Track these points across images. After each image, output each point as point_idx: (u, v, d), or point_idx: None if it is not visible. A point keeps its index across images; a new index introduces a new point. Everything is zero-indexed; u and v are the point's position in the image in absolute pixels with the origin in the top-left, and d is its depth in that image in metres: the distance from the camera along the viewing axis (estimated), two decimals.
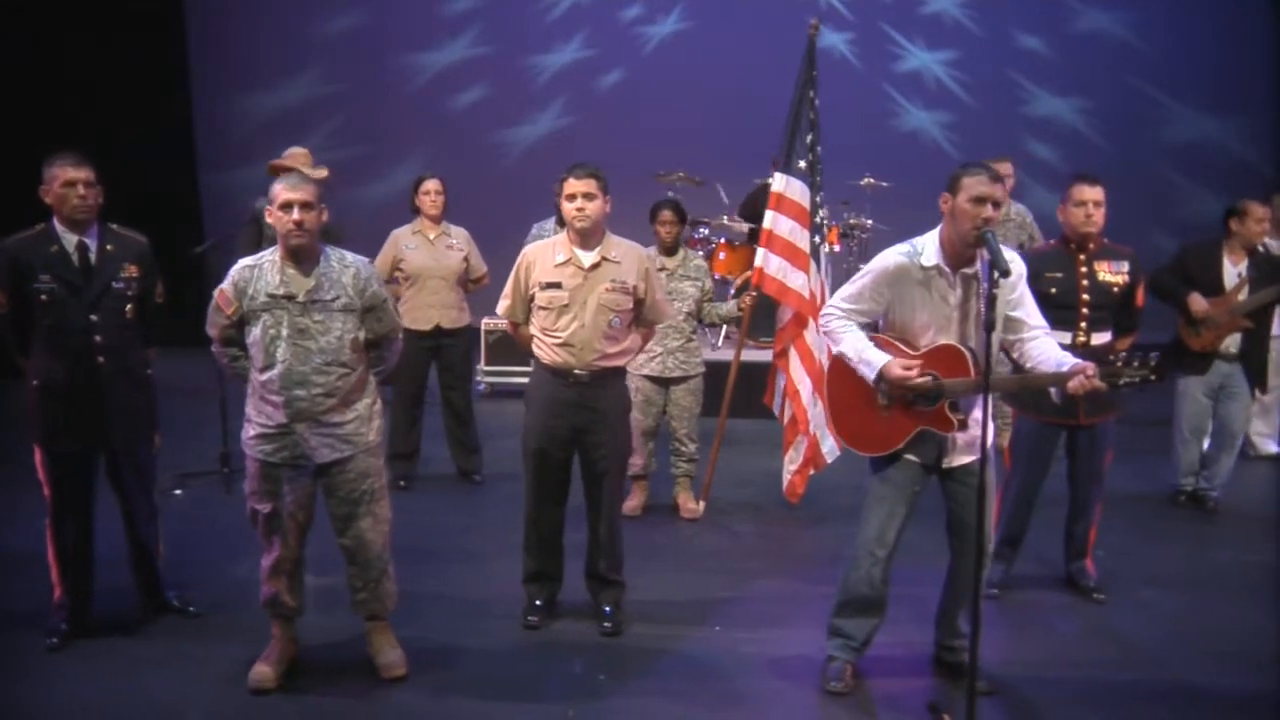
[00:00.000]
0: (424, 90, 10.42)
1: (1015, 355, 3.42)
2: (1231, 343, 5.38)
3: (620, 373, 3.97)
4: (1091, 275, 4.21)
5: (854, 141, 9.75)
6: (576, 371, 3.83)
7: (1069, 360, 3.25)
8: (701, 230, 8.02)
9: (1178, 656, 3.98)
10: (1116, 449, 6.65)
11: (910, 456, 3.47)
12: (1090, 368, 3.14)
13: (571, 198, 3.75)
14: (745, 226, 8.01)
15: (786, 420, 5.23)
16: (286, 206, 3.26)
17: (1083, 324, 4.20)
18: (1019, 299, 3.36)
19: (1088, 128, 10.55)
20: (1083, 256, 4.23)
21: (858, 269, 7.99)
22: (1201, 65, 10.23)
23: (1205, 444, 5.71)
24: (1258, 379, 5.47)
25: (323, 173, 6.20)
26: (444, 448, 5.96)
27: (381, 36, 10.28)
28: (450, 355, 5.66)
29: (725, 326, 7.73)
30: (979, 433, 3.44)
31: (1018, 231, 6.39)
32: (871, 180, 8.14)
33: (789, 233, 4.97)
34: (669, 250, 5.14)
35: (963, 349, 3.28)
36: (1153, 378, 3.13)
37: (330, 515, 3.56)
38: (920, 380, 3.29)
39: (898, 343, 3.41)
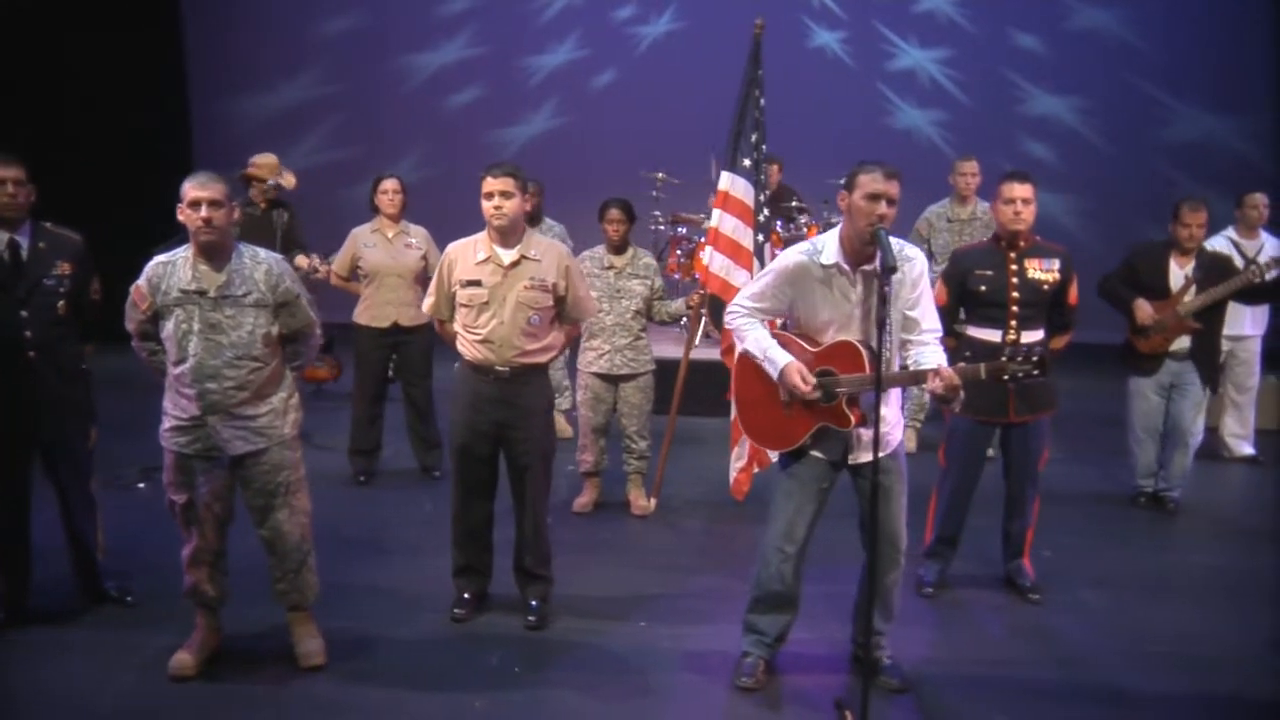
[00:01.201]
0: (420, 90, 10.53)
1: (904, 354, 3.42)
2: (1181, 342, 5.32)
3: (542, 369, 4.01)
4: (1021, 273, 4.20)
5: (847, 141, 9.76)
6: (497, 368, 3.88)
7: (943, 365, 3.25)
8: (680, 229, 8.04)
9: (1102, 657, 3.96)
10: (1082, 449, 6.66)
11: (816, 453, 3.48)
12: (945, 370, 3.14)
13: (489, 196, 3.80)
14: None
15: (733, 418, 5.23)
16: (195, 204, 3.33)
17: (1013, 322, 4.19)
18: (917, 299, 3.36)
19: (1085, 127, 10.46)
20: (1013, 254, 4.22)
21: None
22: (1201, 63, 10.11)
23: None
24: (1209, 378, 5.40)
25: (291, 179, 6.28)
26: (408, 443, 6.04)
27: (378, 37, 10.40)
28: (409, 352, 5.73)
29: (704, 323, 7.78)
30: (886, 430, 3.46)
31: (984, 230, 6.34)
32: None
33: (733, 231, 4.99)
34: (617, 249, 5.18)
35: (859, 345, 3.29)
36: (1035, 372, 3.13)
37: (247, 507, 3.63)
38: (812, 396, 3.30)
39: (800, 340, 3.42)
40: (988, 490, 4.63)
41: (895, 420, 3.50)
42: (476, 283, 3.86)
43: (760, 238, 5.07)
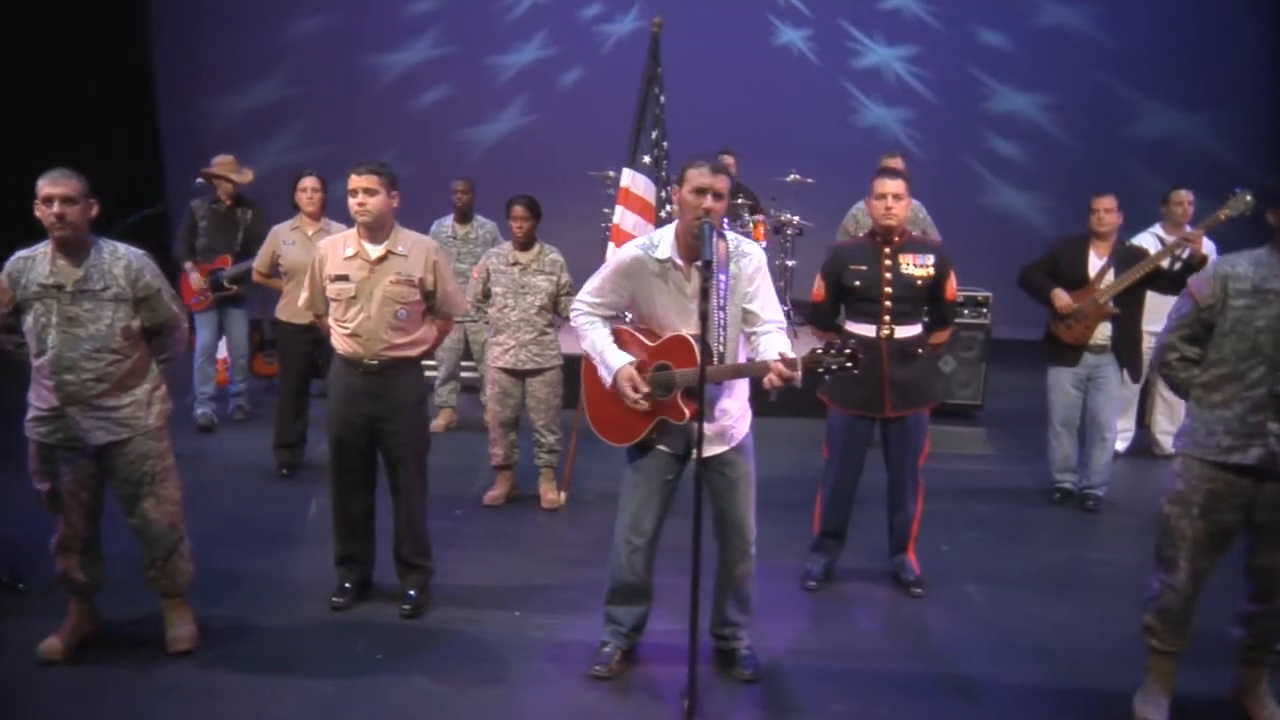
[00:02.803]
0: (388, 90, 10.65)
1: (748, 347, 3.46)
2: (1101, 334, 5.33)
3: (413, 363, 4.07)
4: (895, 268, 4.22)
5: (813, 139, 9.79)
6: (366, 361, 3.96)
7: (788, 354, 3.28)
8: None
9: (968, 650, 3.99)
10: (1015, 446, 6.65)
11: (661, 447, 3.53)
12: (784, 359, 3.18)
13: (353, 193, 3.87)
14: None
15: None
16: (47, 200, 3.42)
17: (886, 317, 4.22)
18: (755, 291, 3.40)
19: (1052, 124, 10.44)
20: (887, 249, 4.25)
21: (787, 266, 8.06)
22: (1170, 59, 10.08)
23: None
24: (1131, 367, 5.42)
25: (248, 176, 6.49)
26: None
27: (345, 38, 10.53)
28: (330, 348, 5.80)
29: None
30: (730, 424, 3.52)
31: (910, 226, 6.33)
32: (797, 176, 8.14)
33: (633, 228, 5.04)
34: (523, 245, 5.24)
35: (692, 340, 3.33)
36: (849, 365, 3.17)
37: (115, 496, 3.72)
38: (639, 400, 3.35)
39: (639, 334, 3.47)
40: (882, 485, 4.64)
41: (740, 413, 3.54)
42: (345, 278, 3.93)
43: None
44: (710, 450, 3.51)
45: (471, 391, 7.21)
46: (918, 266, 4.23)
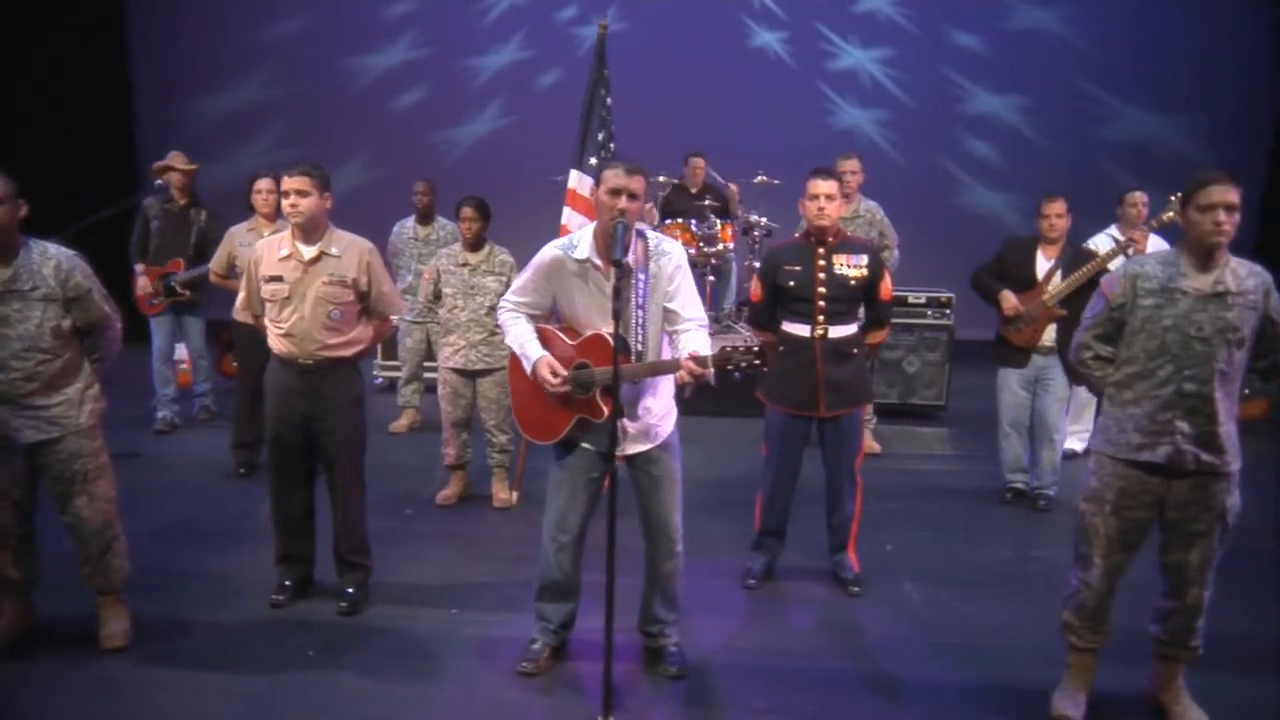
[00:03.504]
0: (367, 92, 10.68)
1: (671, 346, 3.48)
2: (1049, 335, 5.36)
3: (348, 363, 4.10)
4: (829, 268, 4.25)
5: (789, 140, 9.81)
6: (300, 360, 4.00)
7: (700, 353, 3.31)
8: None
9: (899, 648, 4.01)
10: (975, 447, 6.67)
11: (586, 445, 3.57)
12: (694, 357, 3.21)
13: (286, 194, 3.91)
14: (649, 222, 8.12)
15: None
16: None
17: (820, 316, 4.25)
18: (676, 290, 3.43)
19: (1027, 126, 10.45)
20: (821, 250, 4.27)
21: (754, 267, 8.08)
22: (1144, 62, 10.09)
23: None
24: (1070, 369, 5.43)
25: (192, 166, 6.52)
26: None
27: (324, 40, 10.56)
28: None
29: None
30: (654, 422, 3.55)
31: (867, 228, 6.39)
32: (764, 178, 8.17)
33: (579, 228, 5.04)
34: (472, 246, 5.27)
35: (609, 338, 3.36)
36: (757, 362, 3.20)
37: (48, 494, 3.76)
38: (561, 390, 3.39)
39: (561, 334, 3.51)
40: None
41: (664, 412, 3.57)
42: (279, 278, 3.97)
43: None
44: (634, 448, 3.55)
45: (435, 392, 7.23)
46: (852, 267, 4.26)
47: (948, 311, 7.41)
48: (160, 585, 4.38)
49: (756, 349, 3.18)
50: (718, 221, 7.86)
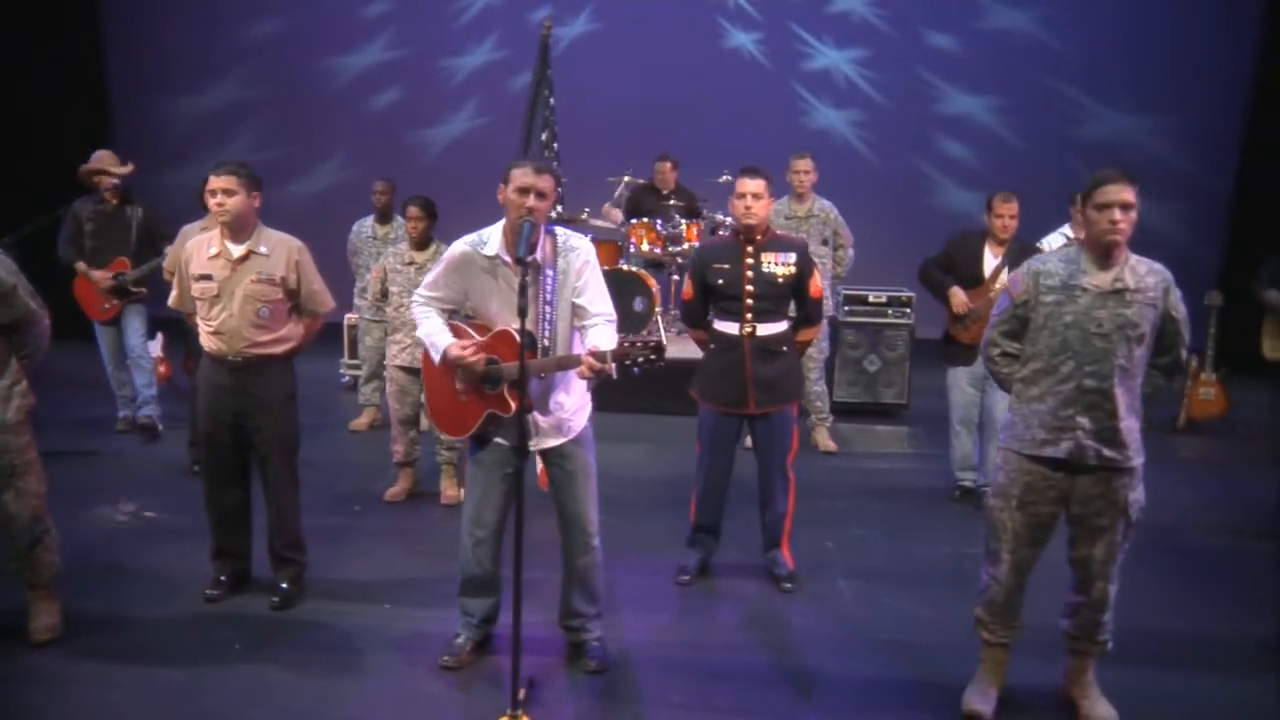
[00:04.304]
0: (343, 92, 10.73)
1: (581, 341, 3.52)
2: None
3: (279, 360, 4.13)
4: (757, 266, 4.28)
5: (764, 141, 9.79)
6: (230, 358, 4.04)
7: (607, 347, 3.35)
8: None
9: (823, 644, 4.05)
10: (936, 446, 6.69)
11: (500, 440, 3.61)
12: (595, 352, 3.25)
13: (213, 193, 3.95)
14: (613, 222, 8.18)
15: None
16: None
17: (748, 314, 4.28)
18: (583, 286, 3.48)
19: (1001, 126, 10.47)
20: (750, 248, 4.31)
21: None
22: (1115, 62, 10.10)
23: None
24: None
25: (127, 168, 6.48)
26: None
27: (300, 41, 10.61)
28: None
29: None
30: (566, 416, 3.59)
31: (821, 227, 6.44)
32: (729, 177, 8.18)
33: None
34: (418, 245, 5.32)
35: (516, 334, 3.40)
36: (654, 357, 3.24)
37: None
38: (474, 359, 3.43)
39: (471, 329, 3.55)
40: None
41: (577, 406, 3.61)
42: (208, 276, 4.02)
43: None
44: (546, 443, 3.59)
45: None
46: (779, 265, 4.29)
47: (908, 310, 7.44)
48: (100, 580, 4.43)
49: (654, 344, 3.22)
50: (683, 221, 7.89)
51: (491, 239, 3.47)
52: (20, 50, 9.44)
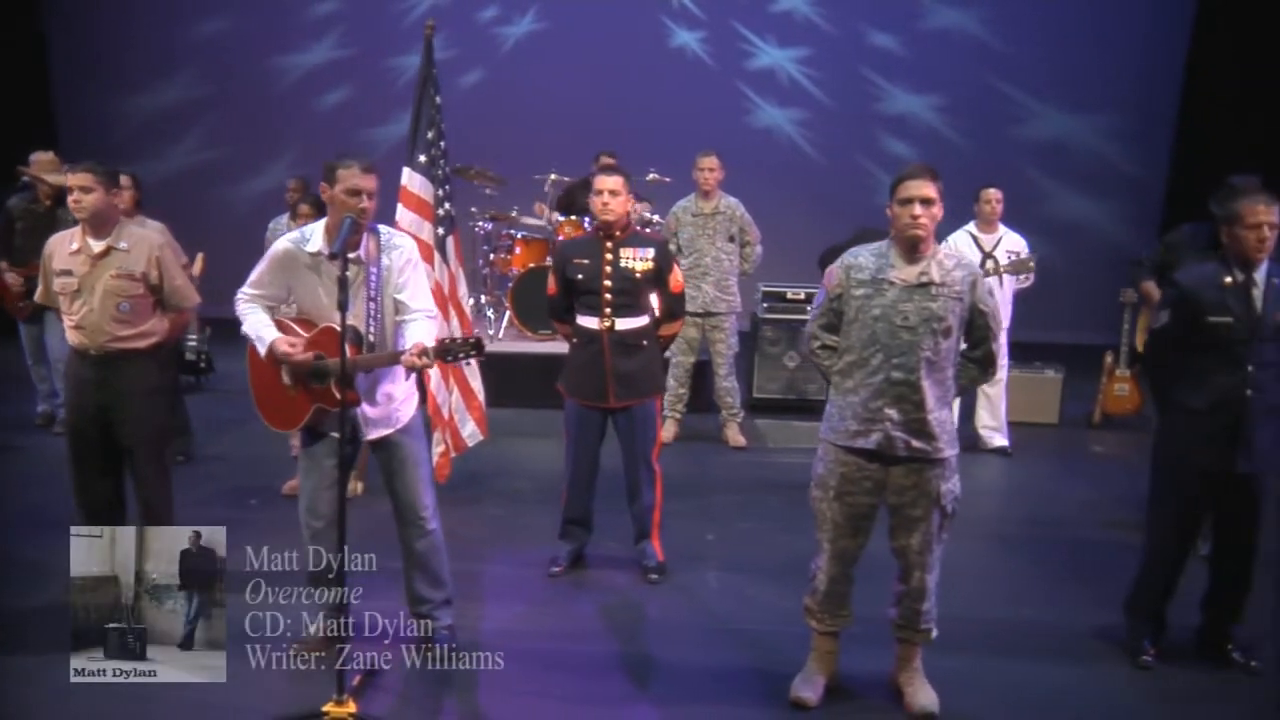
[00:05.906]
0: (291, 91, 10.81)
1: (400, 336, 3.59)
2: None
3: (143, 354, 4.18)
4: (615, 262, 4.35)
5: (708, 140, 9.80)
6: (91, 352, 4.11)
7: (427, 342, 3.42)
8: (484, 226, 8.27)
9: (675, 635, 4.11)
10: None
11: (332, 433, 3.67)
12: (417, 348, 3.32)
13: (70, 191, 4.02)
14: (543, 220, 8.25)
15: (431, 406, 5.41)
16: None
17: (607, 309, 4.35)
18: (405, 283, 3.56)
19: (944, 125, 10.53)
20: (609, 243, 4.37)
21: None
22: (1060, 63, 10.17)
23: None
24: None
25: (61, 179, 6.51)
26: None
27: (247, 40, 10.68)
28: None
29: (508, 314, 8.00)
30: (394, 408, 3.67)
31: (727, 224, 6.49)
32: (655, 176, 8.26)
33: (410, 225, 5.15)
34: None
35: (339, 330, 3.46)
36: (474, 352, 3.32)
37: None
38: (301, 357, 3.50)
39: (296, 325, 3.62)
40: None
41: (404, 397, 3.69)
42: (68, 272, 4.08)
43: (441, 231, 5.25)
44: (375, 433, 3.68)
45: None
46: (638, 260, 4.36)
47: None
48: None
49: (474, 340, 3.31)
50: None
51: (314, 236, 3.55)
52: None
